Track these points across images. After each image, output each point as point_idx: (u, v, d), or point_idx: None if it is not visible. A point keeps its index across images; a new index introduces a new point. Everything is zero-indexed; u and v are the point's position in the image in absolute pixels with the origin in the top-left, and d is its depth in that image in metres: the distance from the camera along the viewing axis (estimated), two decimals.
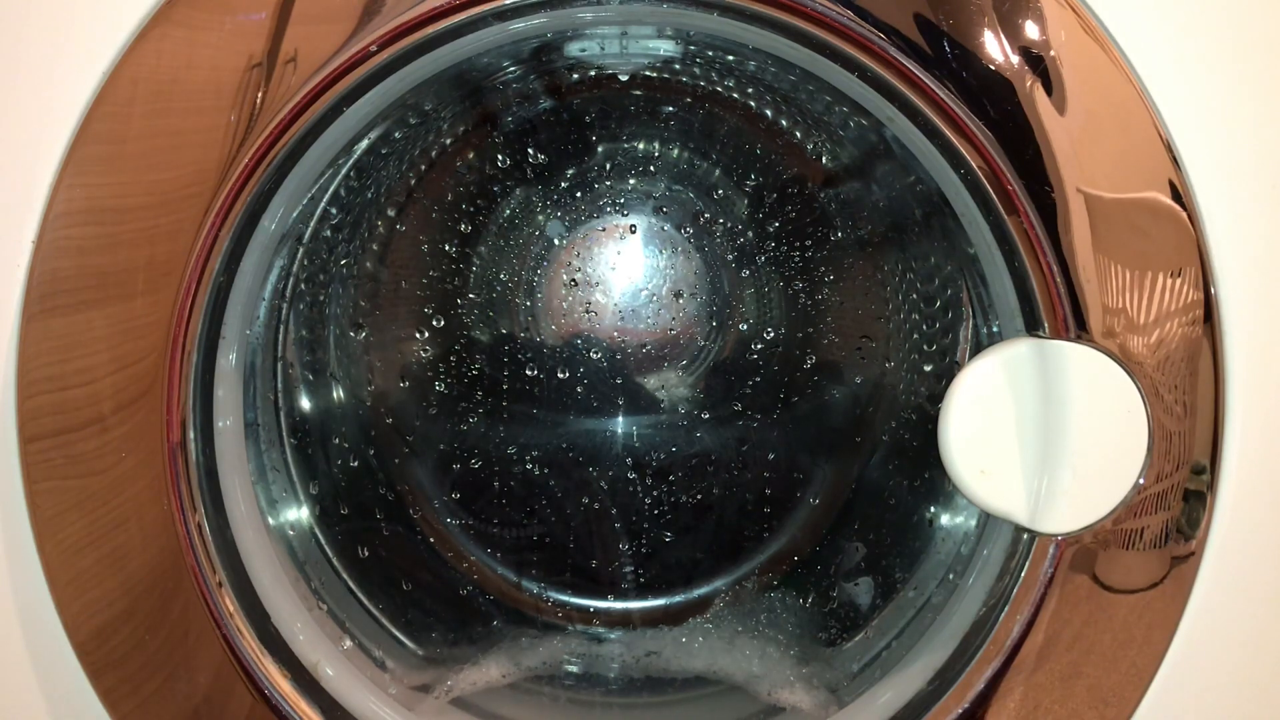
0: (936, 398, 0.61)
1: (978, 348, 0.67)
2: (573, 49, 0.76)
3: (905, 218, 0.80)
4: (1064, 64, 0.57)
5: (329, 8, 0.58)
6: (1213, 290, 0.57)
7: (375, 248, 0.83)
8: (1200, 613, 0.60)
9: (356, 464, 0.84)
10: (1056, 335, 0.57)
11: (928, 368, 0.82)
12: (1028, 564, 0.60)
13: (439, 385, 0.85)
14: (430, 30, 0.58)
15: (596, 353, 0.84)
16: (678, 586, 0.88)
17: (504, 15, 0.60)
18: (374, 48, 0.58)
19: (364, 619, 0.76)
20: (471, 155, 0.82)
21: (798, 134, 0.81)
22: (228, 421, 0.67)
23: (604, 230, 0.84)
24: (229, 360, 0.66)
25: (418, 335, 0.83)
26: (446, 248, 0.82)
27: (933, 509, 0.78)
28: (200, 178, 0.58)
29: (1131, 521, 0.58)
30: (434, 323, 0.83)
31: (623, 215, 0.84)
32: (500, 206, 0.83)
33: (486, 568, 0.87)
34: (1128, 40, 0.57)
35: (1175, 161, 0.57)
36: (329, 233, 0.78)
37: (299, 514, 0.77)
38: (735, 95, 0.81)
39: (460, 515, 0.87)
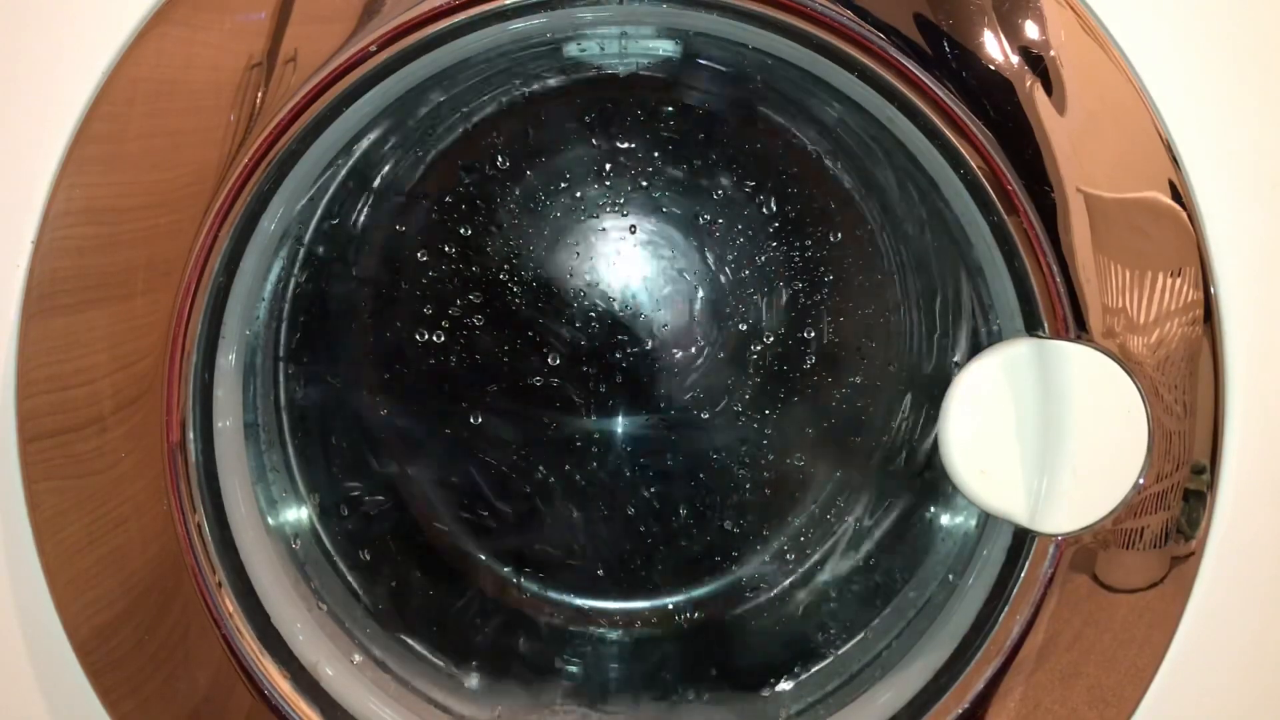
0: (936, 398, 0.61)
1: (977, 348, 0.67)
2: (572, 49, 0.76)
3: (905, 217, 0.80)
4: (1064, 64, 0.57)
5: (329, 8, 0.58)
6: (1212, 290, 0.57)
7: (375, 248, 0.83)
8: (1200, 613, 0.60)
9: (357, 465, 0.84)
10: (1056, 335, 0.57)
11: (927, 367, 0.82)
12: (1027, 564, 0.60)
13: (439, 385, 0.85)
14: (430, 30, 0.58)
15: (596, 352, 0.84)
16: (677, 587, 0.88)
17: (504, 15, 0.60)
18: (374, 48, 0.58)
19: (364, 619, 0.76)
20: (471, 156, 0.82)
21: (797, 133, 0.81)
22: (227, 422, 0.67)
23: (603, 230, 0.84)
24: (229, 360, 0.66)
25: (418, 336, 0.83)
26: (446, 249, 0.82)
27: (933, 509, 0.78)
28: (200, 178, 0.58)
29: (1131, 521, 0.59)
30: (434, 323, 0.83)
31: (622, 215, 0.84)
32: (499, 207, 0.83)
33: (486, 567, 0.87)
34: (1128, 40, 0.57)
35: (1175, 161, 0.57)
36: (329, 233, 0.78)
37: (299, 514, 0.77)
38: (735, 95, 0.81)
39: (459, 515, 0.87)
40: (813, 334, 0.83)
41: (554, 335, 0.84)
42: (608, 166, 0.83)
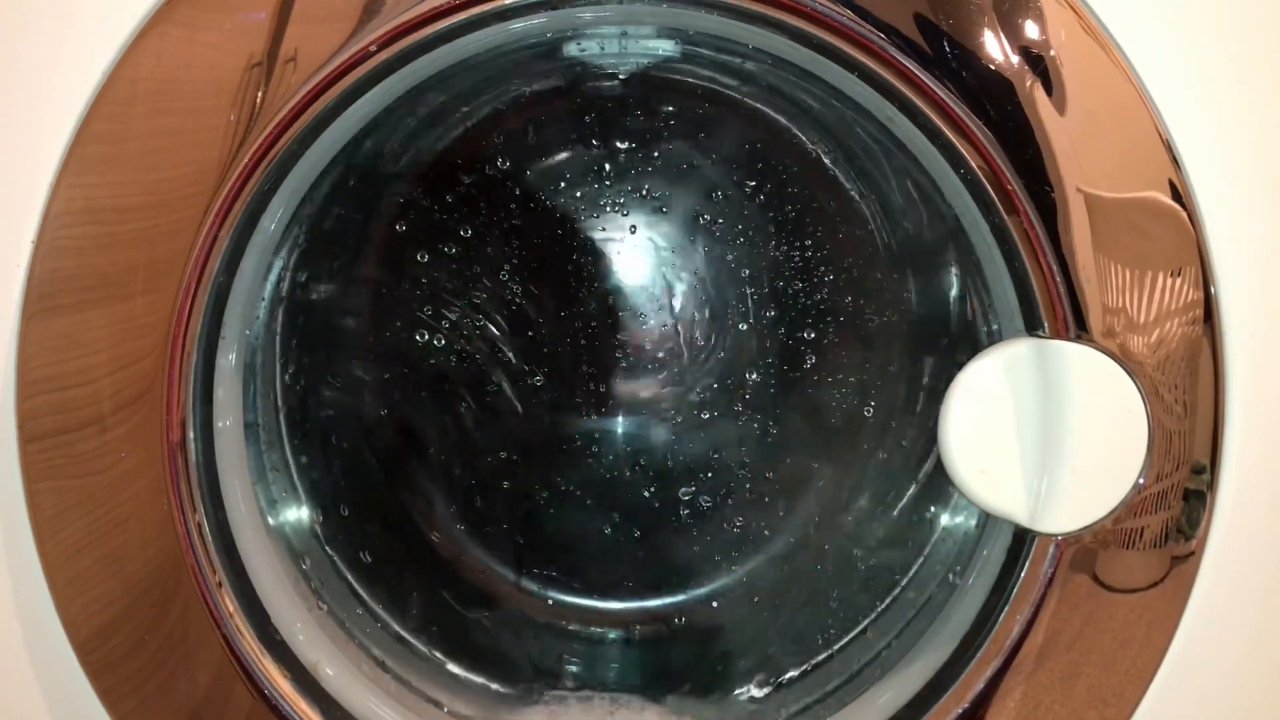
0: (937, 397, 0.61)
1: (977, 348, 0.67)
2: (572, 49, 0.76)
3: (905, 216, 0.80)
4: (1064, 64, 0.57)
5: (329, 8, 0.58)
6: (1213, 290, 0.57)
7: (376, 248, 0.83)
8: (1200, 613, 0.60)
9: (357, 464, 0.84)
10: (1056, 335, 0.57)
11: (927, 366, 0.82)
12: (1027, 564, 0.60)
13: (438, 385, 0.85)
14: (430, 30, 0.58)
15: (597, 353, 0.84)
16: (677, 587, 0.88)
17: (504, 15, 0.60)
18: (374, 48, 0.58)
19: (364, 619, 0.76)
20: (471, 157, 0.82)
21: (798, 133, 0.81)
22: (228, 421, 0.67)
23: (604, 230, 0.84)
24: (229, 360, 0.66)
25: (418, 336, 0.83)
26: (447, 249, 0.82)
27: (933, 509, 0.78)
28: (200, 178, 0.58)
29: (1131, 521, 0.59)
30: (434, 323, 0.83)
31: (623, 215, 0.84)
32: (500, 208, 0.83)
33: (485, 567, 0.87)
34: (1128, 40, 0.57)
35: (1175, 161, 0.57)
36: (329, 233, 0.78)
37: (299, 514, 0.77)
38: (735, 95, 0.81)
39: (460, 515, 0.87)
40: (813, 334, 0.83)
41: (554, 335, 0.84)
42: (607, 166, 0.83)
